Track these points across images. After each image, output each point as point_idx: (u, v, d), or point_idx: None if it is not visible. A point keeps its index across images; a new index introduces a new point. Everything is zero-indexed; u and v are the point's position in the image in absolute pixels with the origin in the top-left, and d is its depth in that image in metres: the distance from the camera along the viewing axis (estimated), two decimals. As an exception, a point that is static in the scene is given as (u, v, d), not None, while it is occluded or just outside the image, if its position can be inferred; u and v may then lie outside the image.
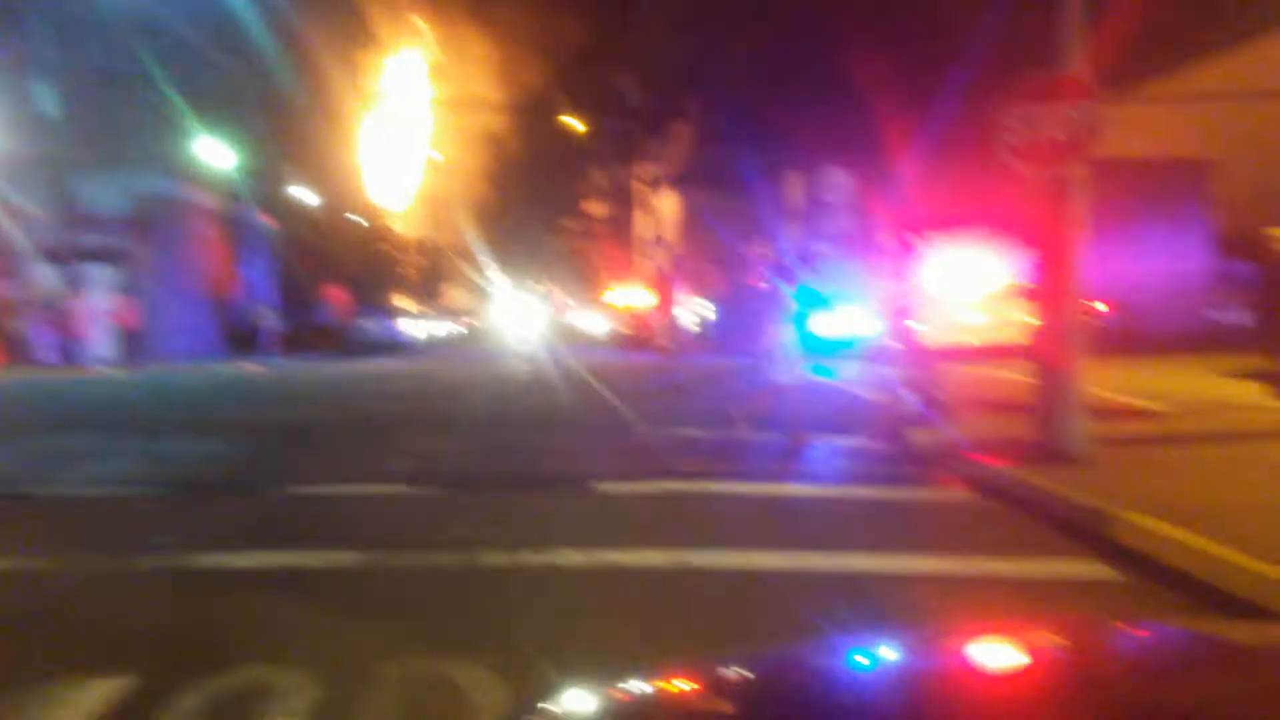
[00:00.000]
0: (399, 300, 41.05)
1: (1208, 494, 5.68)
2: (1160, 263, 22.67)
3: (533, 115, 40.03)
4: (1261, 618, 3.83)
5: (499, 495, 6.83)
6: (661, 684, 1.28)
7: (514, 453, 8.80)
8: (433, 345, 35.08)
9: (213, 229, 28.60)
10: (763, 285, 14.45)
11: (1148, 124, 26.42)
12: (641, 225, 42.90)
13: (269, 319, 26.42)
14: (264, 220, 28.13)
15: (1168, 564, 4.63)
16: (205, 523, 6.14)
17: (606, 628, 3.98)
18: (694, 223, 38.01)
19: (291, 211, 31.66)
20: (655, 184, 39.03)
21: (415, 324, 33.95)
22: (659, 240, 38.02)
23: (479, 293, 53.39)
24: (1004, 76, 7.22)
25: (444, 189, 46.25)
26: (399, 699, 3.23)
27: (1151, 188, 23.09)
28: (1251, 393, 9.89)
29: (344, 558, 5.02)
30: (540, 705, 1.18)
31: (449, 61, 41.04)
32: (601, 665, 3.34)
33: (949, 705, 1.12)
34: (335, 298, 27.86)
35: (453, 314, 44.02)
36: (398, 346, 29.68)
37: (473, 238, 45.19)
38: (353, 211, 38.47)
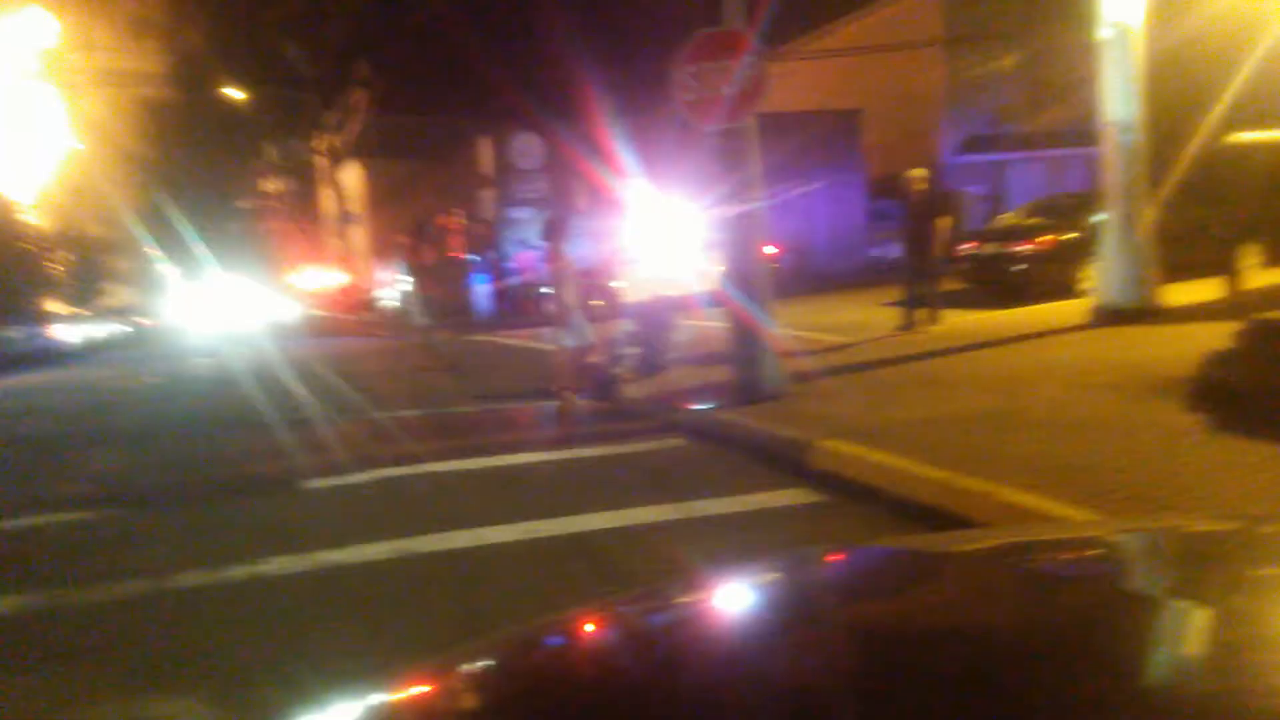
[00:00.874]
0: (50, 303, 36.25)
1: (885, 414, 6.29)
2: (825, 206, 24.88)
3: (192, 89, 36.40)
4: (944, 521, 4.27)
5: (195, 508, 6.19)
6: (398, 689, 1.17)
7: (208, 459, 8.03)
8: (96, 350, 31.33)
9: None
10: (460, 255, 14.25)
11: (801, 79, 28.79)
12: (326, 201, 40.76)
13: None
14: None
15: (860, 481, 5.08)
16: None
17: (333, 634, 3.73)
18: (382, 195, 36.69)
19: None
20: (336, 156, 37.16)
21: (72, 328, 30.01)
22: (346, 215, 36.33)
23: (149, 287, 48.52)
24: (677, 36, 7.46)
25: (97, 175, 41.22)
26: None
27: (813, 137, 25.14)
28: (901, 317, 11.06)
29: (8, 603, 4.33)
30: None
31: (89, 30, 36.33)
32: (331, 676, 3.11)
33: (687, 660, 1.11)
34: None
35: (119, 313, 39.56)
36: (55, 355, 26.14)
37: (137, 227, 40.72)
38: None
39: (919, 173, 10.95)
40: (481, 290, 21.27)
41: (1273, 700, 0.77)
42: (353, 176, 38.66)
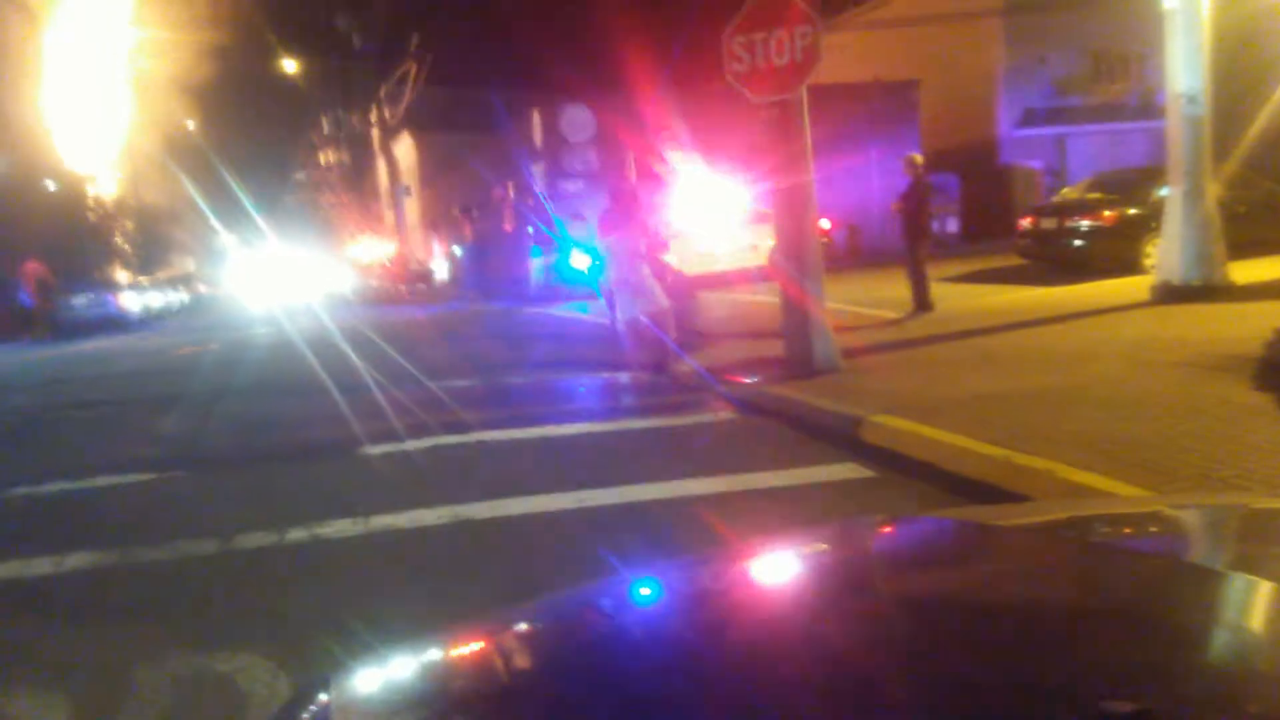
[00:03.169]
0: (114, 272, 37.20)
1: (939, 390, 6.22)
2: (880, 180, 24.47)
3: (247, 60, 36.96)
4: (1001, 498, 4.23)
5: (256, 471, 6.36)
6: (451, 647, 1.20)
7: (267, 424, 8.23)
8: (159, 318, 32.13)
9: None
10: (510, 227, 14.32)
11: (856, 50, 28.32)
12: (381, 173, 41.11)
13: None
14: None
15: (913, 457, 5.04)
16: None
17: (389, 596, 3.82)
18: (435, 167, 36.94)
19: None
20: (388, 129, 37.45)
21: (135, 296, 30.77)
22: (399, 187, 36.66)
23: (209, 257, 49.57)
24: (728, 5, 7.36)
25: (156, 146, 42.07)
26: (163, 702, 2.93)
27: (867, 110, 24.71)
28: (952, 293, 10.90)
29: (82, 560, 4.49)
30: (323, 689, 1.06)
31: (144, 5, 36.99)
32: (386, 636, 3.19)
33: (736, 625, 1.12)
34: (34, 275, 24.61)
35: (180, 282, 40.41)
36: (117, 323, 26.81)
37: (196, 198, 41.54)
38: (45, 177, 34.28)
39: (916, 157, 11.00)
40: (535, 264, 21.37)
41: None
42: (405, 149, 38.95)
